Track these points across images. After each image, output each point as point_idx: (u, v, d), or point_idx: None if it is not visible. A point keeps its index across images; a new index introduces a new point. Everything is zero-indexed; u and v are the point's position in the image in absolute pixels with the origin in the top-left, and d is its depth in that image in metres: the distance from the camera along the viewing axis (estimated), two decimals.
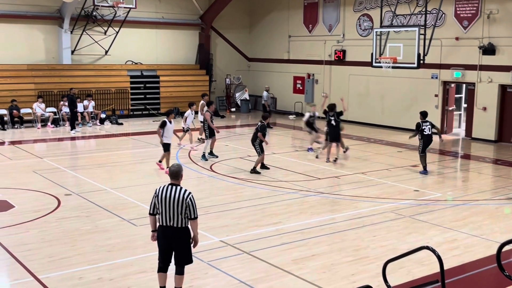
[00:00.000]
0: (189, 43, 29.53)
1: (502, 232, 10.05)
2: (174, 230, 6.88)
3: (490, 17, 20.12)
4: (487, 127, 20.72)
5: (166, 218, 6.87)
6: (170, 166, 7.20)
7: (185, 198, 6.83)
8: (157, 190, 6.96)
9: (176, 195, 6.83)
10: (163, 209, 6.87)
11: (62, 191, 12.67)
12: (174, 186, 6.91)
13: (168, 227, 6.89)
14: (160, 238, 7.02)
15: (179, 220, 6.86)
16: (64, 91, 24.20)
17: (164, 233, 6.95)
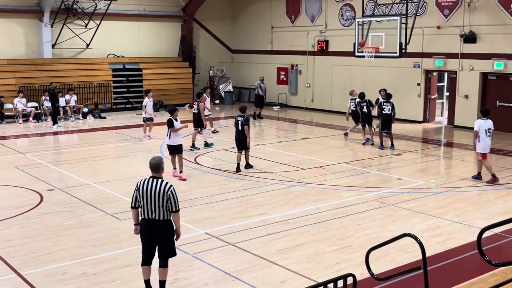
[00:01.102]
0: (171, 36, 29.35)
1: (484, 218, 10.16)
2: (156, 223, 6.86)
3: (470, 5, 20.24)
4: (469, 115, 20.88)
5: (148, 211, 6.84)
6: (151, 159, 7.15)
7: (166, 191, 6.82)
8: (138, 183, 6.93)
9: (157, 188, 6.80)
10: (145, 202, 6.83)
11: (44, 186, 12.57)
12: (155, 179, 6.88)
13: (151, 220, 6.86)
14: (143, 232, 6.98)
15: (161, 213, 6.84)
16: (46, 86, 23.95)
17: (147, 226, 6.91)
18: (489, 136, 12.74)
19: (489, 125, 12.78)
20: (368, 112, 17.79)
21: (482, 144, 12.75)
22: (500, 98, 20.25)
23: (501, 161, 15.60)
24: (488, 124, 12.77)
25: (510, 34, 19.35)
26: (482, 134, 12.68)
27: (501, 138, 18.99)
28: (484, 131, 12.67)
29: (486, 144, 12.74)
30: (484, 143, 12.72)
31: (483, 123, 12.77)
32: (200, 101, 17.70)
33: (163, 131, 20.21)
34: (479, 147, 12.81)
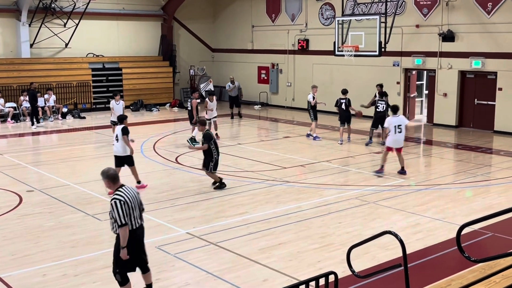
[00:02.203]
0: (151, 35, 29.20)
1: (464, 215, 10.29)
2: (142, 228, 6.81)
3: (449, 4, 20.47)
4: (448, 113, 21.14)
5: (136, 220, 6.63)
6: (107, 170, 6.74)
7: (138, 192, 6.85)
8: (125, 197, 6.48)
9: (134, 193, 6.72)
10: (133, 212, 6.58)
11: (23, 187, 12.42)
12: (126, 186, 6.71)
13: (139, 227, 6.72)
14: (134, 243, 6.63)
15: (142, 215, 6.82)
16: (24, 86, 23.69)
17: (138, 236, 6.69)
18: (400, 132, 13.16)
19: (399, 122, 13.22)
20: (347, 109, 17.96)
21: (390, 138, 13.31)
22: (478, 96, 20.52)
23: (479, 158, 15.81)
24: (398, 121, 13.21)
25: (487, 32, 19.61)
26: (391, 130, 13.16)
27: (479, 136, 19.25)
28: (394, 127, 13.12)
29: (393, 138, 13.21)
30: (392, 137, 13.23)
31: (393, 119, 13.23)
32: (193, 97, 18.06)
33: (142, 130, 20.15)
34: (388, 141, 13.44)
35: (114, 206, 6.42)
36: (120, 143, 11.96)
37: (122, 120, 12.28)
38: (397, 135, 13.20)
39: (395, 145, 13.32)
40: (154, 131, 20.51)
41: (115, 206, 6.41)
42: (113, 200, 6.45)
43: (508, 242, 8.97)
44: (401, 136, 13.31)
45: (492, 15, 19.39)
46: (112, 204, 6.45)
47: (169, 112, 26.68)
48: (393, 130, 13.15)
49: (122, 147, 11.98)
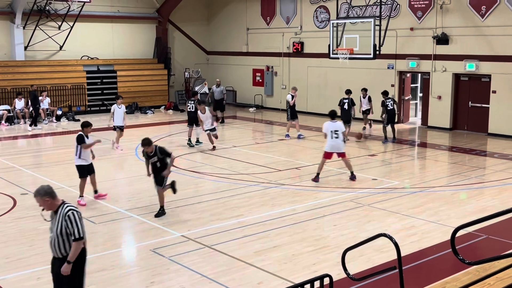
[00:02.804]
0: (146, 37, 29.18)
1: (458, 217, 10.31)
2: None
3: (443, 7, 20.55)
4: (442, 115, 21.21)
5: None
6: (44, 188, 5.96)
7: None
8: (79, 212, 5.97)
9: None
10: None
11: (18, 190, 12.38)
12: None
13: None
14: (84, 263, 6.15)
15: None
16: (18, 88, 23.65)
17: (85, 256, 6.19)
18: (336, 137, 13.05)
19: (336, 127, 13.12)
20: (348, 109, 18.53)
21: (327, 144, 13.24)
22: (472, 99, 20.59)
23: (473, 160, 15.87)
24: (335, 126, 13.13)
25: (481, 35, 19.70)
26: (328, 135, 13.12)
27: (474, 138, 19.32)
28: (330, 132, 13.06)
29: (331, 144, 13.12)
30: (329, 142, 13.16)
31: (330, 125, 13.16)
32: (195, 100, 18.15)
33: (137, 133, 20.12)
34: (325, 147, 13.34)
35: (72, 218, 5.81)
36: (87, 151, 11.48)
37: (85, 127, 11.67)
38: (334, 140, 13.03)
39: (333, 149, 13.11)
40: (149, 134, 20.35)
41: (74, 218, 5.82)
42: (70, 211, 5.83)
43: (502, 244, 9.00)
44: (338, 141, 13.09)
45: (486, 18, 19.48)
46: (69, 215, 5.80)
47: (164, 114, 26.65)
48: (329, 135, 13.04)
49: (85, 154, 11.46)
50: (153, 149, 10.51)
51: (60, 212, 5.86)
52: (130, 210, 10.93)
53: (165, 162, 10.51)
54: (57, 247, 5.88)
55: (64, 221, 5.80)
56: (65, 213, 5.82)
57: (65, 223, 5.80)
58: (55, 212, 5.90)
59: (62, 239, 5.84)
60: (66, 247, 5.86)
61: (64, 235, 5.83)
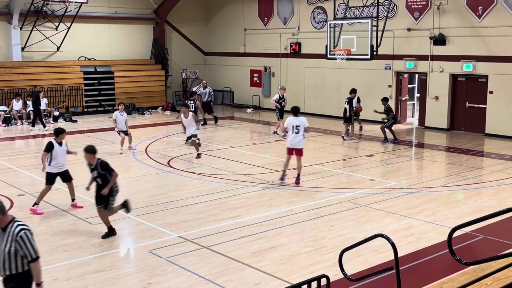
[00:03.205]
0: (143, 38, 29.16)
1: (455, 218, 10.33)
2: None
3: (440, 8, 20.58)
4: (439, 116, 21.24)
5: None
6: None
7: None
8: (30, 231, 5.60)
9: None
10: None
11: (15, 191, 12.36)
12: None
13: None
14: None
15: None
16: (15, 89, 23.62)
17: None
18: (297, 133, 12.86)
19: (298, 122, 12.91)
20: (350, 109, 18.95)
21: (288, 139, 13.13)
22: (470, 99, 20.62)
23: (471, 161, 15.89)
24: (297, 121, 12.92)
25: (478, 36, 19.73)
26: (289, 130, 12.97)
27: (471, 139, 19.35)
28: (292, 127, 12.89)
29: (291, 139, 12.96)
30: (289, 137, 13.02)
31: (292, 120, 12.98)
32: (195, 99, 18.51)
33: (134, 134, 20.11)
34: (287, 143, 13.22)
35: (26, 238, 5.43)
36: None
37: (58, 134, 11.19)
38: (295, 135, 12.85)
39: (292, 145, 12.91)
40: (146, 134, 20.48)
41: (27, 238, 5.44)
42: (22, 232, 5.43)
43: (499, 245, 9.01)
44: (299, 137, 12.85)
45: (482, 19, 19.51)
46: (22, 236, 5.41)
47: (162, 115, 26.64)
48: (291, 130, 12.88)
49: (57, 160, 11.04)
50: (95, 162, 9.48)
51: (10, 230, 5.45)
52: None
53: (107, 179, 9.37)
54: (1, 266, 5.48)
55: (16, 241, 5.40)
56: (16, 233, 5.41)
57: (17, 245, 5.40)
58: (3, 229, 5.48)
59: (9, 258, 5.43)
60: (11, 267, 5.46)
61: (12, 255, 5.43)
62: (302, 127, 12.93)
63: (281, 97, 19.95)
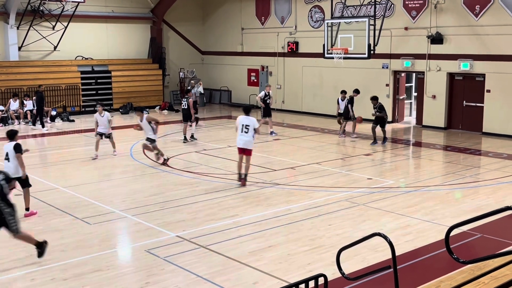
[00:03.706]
0: (140, 37, 29.13)
1: (453, 216, 10.33)
2: None
3: (437, 7, 20.59)
4: (437, 114, 21.26)
5: None
6: None
7: None
8: None
9: None
10: None
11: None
12: None
13: None
14: None
15: None
16: (12, 89, 23.58)
17: None
18: (246, 132, 12.60)
19: (248, 122, 12.64)
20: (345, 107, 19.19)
21: (237, 138, 12.87)
22: (467, 98, 20.65)
23: (468, 160, 15.90)
24: (247, 121, 12.66)
25: (475, 35, 19.75)
26: (238, 129, 12.76)
27: (468, 138, 19.37)
28: (242, 126, 12.66)
29: (239, 138, 12.72)
30: (238, 136, 12.76)
31: (243, 119, 12.76)
32: (189, 97, 18.64)
33: (131, 133, 20.09)
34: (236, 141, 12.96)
35: None
36: (13, 162, 10.47)
37: (13, 136, 10.64)
38: (243, 135, 12.64)
39: (240, 144, 12.70)
40: (144, 134, 20.40)
41: None
42: None
43: (496, 243, 9.02)
44: (247, 137, 12.60)
45: (480, 18, 19.53)
46: None
47: (159, 114, 26.61)
48: (240, 129, 12.68)
49: (15, 168, 10.42)
50: None
51: None
52: (125, 210, 10.90)
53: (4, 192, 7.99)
54: None
55: None
56: None
57: None
58: None
59: None
60: None
61: None
62: (252, 127, 12.60)
63: (266, 94, 20.10)
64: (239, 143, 12.77)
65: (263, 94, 20.13)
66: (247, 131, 12.64)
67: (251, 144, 12.76)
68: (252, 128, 12.65)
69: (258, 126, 12.84)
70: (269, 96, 20.26)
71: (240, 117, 12.92)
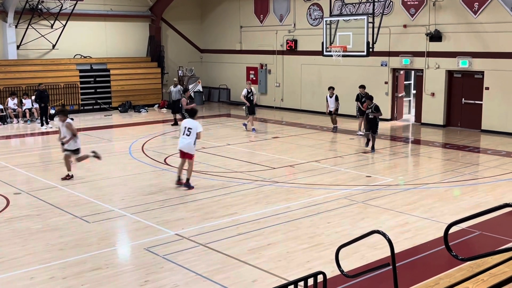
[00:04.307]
0: (139, 35, 29.09)
1: (452, 214, 10.34)
2: None
3: (435, 4, 20.59)
4: (435, 112, 21.26)
5: None
6: None
7: None
8: None
9: None
10: None
11: (11, 190, 12.32)
12: None
13: None
14: None
15: None
16: (11, 87, 23.55)
17: None
18: (188, 135, 12.24)
19: (191, 125, 12.30)
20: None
21: (179, 141, 12.55)
22: (466, 96, 20.65)
23: (467, 157, 15.91)
24: (190, 124, 12.35)
25: (474, 32, 19.75)
26: (180, 132, 12.50)
27: (467, 135, 19.38)
28: (184, 128, 12.37)
29: (180, 141, 12.42)
30: (179, 140, 12.47)
31: (187, 122, 12.48)
32: (184, 96, 18.94)
33: (130, 131, 20.10)
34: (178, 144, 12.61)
35: None
36: None
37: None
38: (184, 137, 12.30)
39: (181, 147, 12.37)
40: (142, 132, 20.45)
41: None
42: None
43: (495, 240, 9.03)
44: (188, 139, 12.22)
45: (478, 15, 19.53)
46: None
47: (158, 113, 26.60)
48: (182, 132, 12.43)
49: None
50: None
51: None
52: (124, 209, 10.90)
53: None
54: None
55: None
56: None
57: None
58: None
59: None
60: None
61: None
62: (194, 131, 12.26)
63: (249, 91, 20.24)
64: (179, 145, 12.42)
65: (246, 92, 20.23)
66: (188, 133, 12.25)
67: (191, 148, 12.30)
68: (194, 132, 12.26)
69: (200, 130, 12.36)
70: (252, 92, 20.40)
71: (185, 120, 12.69)
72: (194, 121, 12.47)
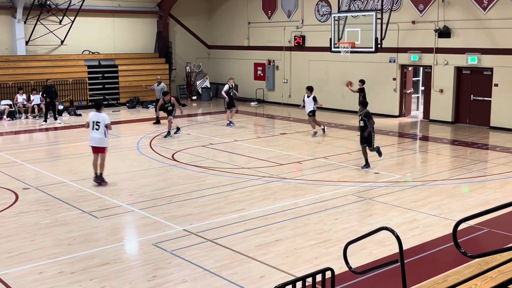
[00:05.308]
0: (147, 31, 29.12)
1: (460, 211, 10.31)
2: None
3: (444, 0, 20.46)
4: (444, 108, 21.16)
5: None
6: None
7: None
8: None
9: None
10: None
11: (19, 185, 12.39)
12: None
13: None
14: None
15: None
16: (19, 83, 23.66)
17: None
18: (97, 129, 12.09)
19: (98, 118, 12.18)
20: None
21: (89, 136, 12.38)
22: (474, 92, 20.54)
23: (475, 154, 15.84)
24: (96, 117, 12.21)
25: (483, 28, 19.63)
26: (90, 126, 12.30)
27: (476, 132, 19.29)
28: (92, 123, 12.22)
29: (90, 136, 12.27)
30: (90, 135, 12.31)
31: (93, 115, 12.32)
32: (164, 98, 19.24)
33: (138, 127, 20.15)
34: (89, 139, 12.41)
35: None
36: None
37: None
38: (94, 132, 12.21)
39: (92, 143, 12.23)
40: (150, 128, 20.49)
41: None
42: None
43: (504, 238, 9.00)
44: (99, 134, 12.11)
45: (488, 11, 19.40)
46: None
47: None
48: (91, 126, 12.26)
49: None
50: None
51: None
52: (132, 204, 10.94)
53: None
54: None
55: None
56: None
57: None
58: None
59: None
60: None
61: None
62: (103, 123, 12.16)
63: (230, 87, 20.39)
64: (91, 142, 12.30)
65: (227, 87, 20.36)
66: (98, 127, 12.15)
67: (103, 141, 12.21)
68: (103, 124, 12.16)
69: (109, 122, 12.25)
70: (233, 88, 20.69)
71: (91, 114, 12.48)
72: (100, 114, 12.32)
